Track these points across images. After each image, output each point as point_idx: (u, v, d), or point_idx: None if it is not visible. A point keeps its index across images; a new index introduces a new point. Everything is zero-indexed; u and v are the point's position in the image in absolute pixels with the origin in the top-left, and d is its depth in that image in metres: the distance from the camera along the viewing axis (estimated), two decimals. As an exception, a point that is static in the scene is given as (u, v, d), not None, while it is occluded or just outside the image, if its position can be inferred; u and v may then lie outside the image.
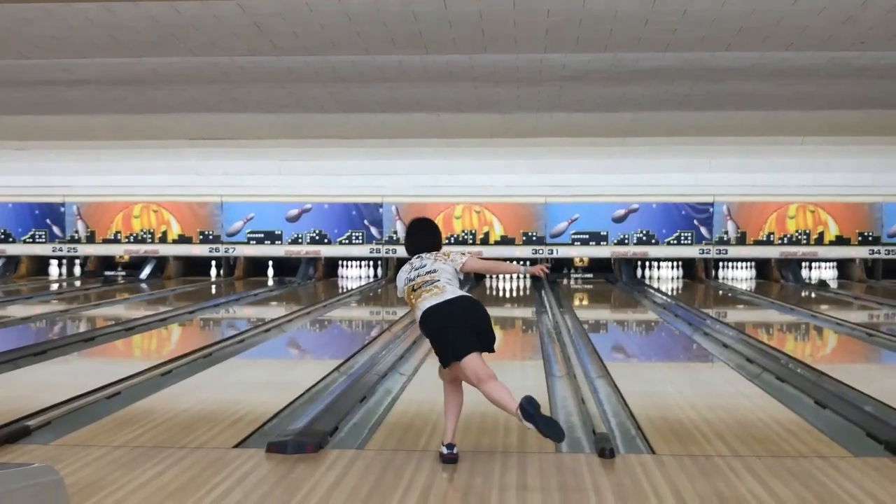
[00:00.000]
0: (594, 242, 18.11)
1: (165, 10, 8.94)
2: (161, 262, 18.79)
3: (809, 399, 5.94)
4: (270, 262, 18.80)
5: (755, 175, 17.57)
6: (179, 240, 18.55)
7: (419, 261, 4.49)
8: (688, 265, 18.32)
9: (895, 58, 10.73)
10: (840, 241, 17.89)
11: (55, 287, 16.63)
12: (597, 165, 17.66)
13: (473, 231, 18.17)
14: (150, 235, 18.59)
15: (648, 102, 13.53)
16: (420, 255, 4.53)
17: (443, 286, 4.30)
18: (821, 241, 17.91)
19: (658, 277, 18.21)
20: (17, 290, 15.60)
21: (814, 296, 15.42)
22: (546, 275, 6.93)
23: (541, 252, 18.03)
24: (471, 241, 17.97)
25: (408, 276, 4.43)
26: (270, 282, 17.98)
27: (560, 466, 4.22)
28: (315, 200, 18.29)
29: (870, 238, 17.84)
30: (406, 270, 4.48)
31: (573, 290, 16.18)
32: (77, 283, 17.15)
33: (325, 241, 18.33)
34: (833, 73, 11.52)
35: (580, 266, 18.94)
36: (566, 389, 6.41)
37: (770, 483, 3.96)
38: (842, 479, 4.02)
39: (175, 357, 7.54)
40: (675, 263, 18.32)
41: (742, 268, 18.30)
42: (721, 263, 18.31)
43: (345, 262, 18.65)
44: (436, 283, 4.31)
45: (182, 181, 18.20)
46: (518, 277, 17.63)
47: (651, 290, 15.67)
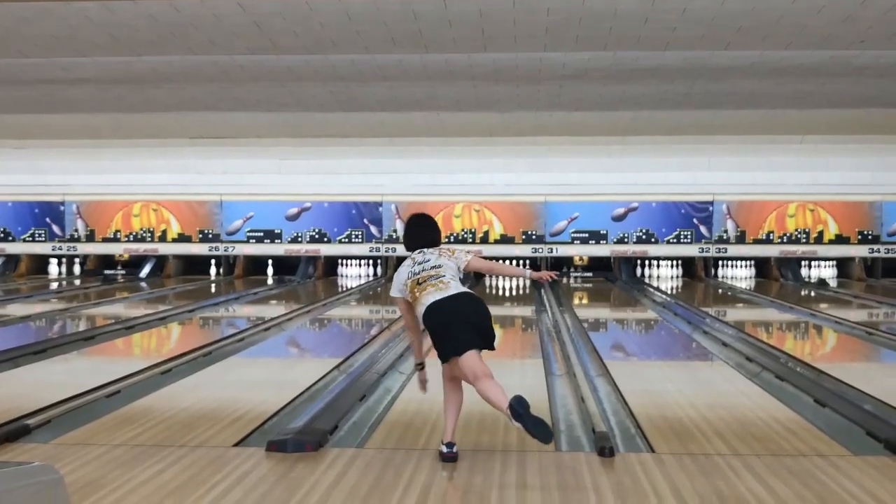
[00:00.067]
0: (594, 241, 18.11)
1: (165, 9, 8.94)
2: (161, 261, 18.79)
3: (809, 398, 5.94)
4: (270, 261, 18.80)
5: (755, 174, 17.56)
6: (179, 238, 18.55)
7: (421, 255, 4.47)
8: (687, 264, 18.32)
9: (894, 56, 10.73)
10: (839, 240, 17.89)
11: (55, 286, 16.60)
12: (596, 164, 17.66)
13: (473, 230, 18.17)
14: (150, 234, 18.58)
15: (648, 101, 13.53)
16: (422, 250, 4.50)
17: (447, 282, 4.31)
18: (820, 240, 17.91)
19: (658, 276, 18.22)
20: (17, 289, 15.61)
21: (813, 294, 15.42)
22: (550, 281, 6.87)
23: (540, 251, 18.03)
24: (470, 240, 17.97)
25: (411, 270, 4.41)
26: (270, 280, 17.98)
27: (560, 465, 4.23)
28: (315, 199, 18.30)
29: (869, 237, 17.84)
30: (408, 265, 4.46)
31: (573, 289, 16.18)
32: (77, 282, 17.16)
33: (325, 240, 18.33)
34: (832, 72, 11.52)
35: (580, 265, 18.98)
36: (566, 388, 6.41)
37: (769, 482, 3.96)
38: (841, 478, 4.02)
39: (175, 356, 7.55)
40: (675, 262, 18.33)
41: (741, 266, 18.30)
42: (720, 262, 18.32)
43: (344, 261, 18.67)
44: (441, 279, 4.32)
45: (182, 180, 18.20)
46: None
47: (651, 289, 15.67)
